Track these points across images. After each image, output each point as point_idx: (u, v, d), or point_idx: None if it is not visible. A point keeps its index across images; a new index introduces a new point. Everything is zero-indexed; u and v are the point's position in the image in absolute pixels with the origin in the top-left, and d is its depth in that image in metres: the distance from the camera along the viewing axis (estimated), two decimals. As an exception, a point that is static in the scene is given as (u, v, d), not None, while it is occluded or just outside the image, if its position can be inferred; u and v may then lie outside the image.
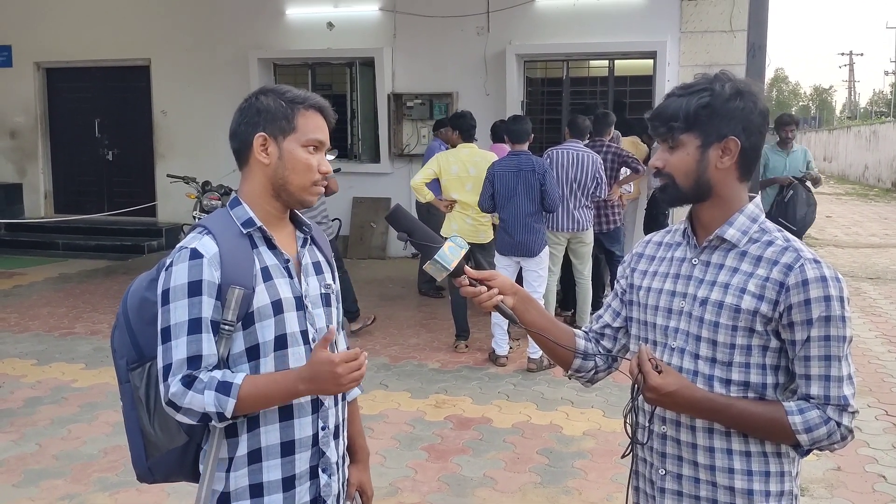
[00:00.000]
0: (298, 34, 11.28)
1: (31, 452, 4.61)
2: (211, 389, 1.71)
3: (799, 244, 1.73)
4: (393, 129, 10.98)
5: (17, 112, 12.79)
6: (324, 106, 1.88)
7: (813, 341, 1.67)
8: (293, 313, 1.83)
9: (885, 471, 4.42)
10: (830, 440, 1.68)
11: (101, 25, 11.95)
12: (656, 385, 1.66)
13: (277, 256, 1.85)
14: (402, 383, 5.83)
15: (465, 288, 1.83)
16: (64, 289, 9.16)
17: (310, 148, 1.84)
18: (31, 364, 6.27)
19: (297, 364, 1.82)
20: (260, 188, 1.85)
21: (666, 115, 1.74)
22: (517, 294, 1.88)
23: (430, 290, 8.74)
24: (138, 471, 1.90)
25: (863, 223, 16.54)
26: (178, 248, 1.79)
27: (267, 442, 1.81)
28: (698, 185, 1.75)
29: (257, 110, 1.83)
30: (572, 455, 4.60)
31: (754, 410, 1.70)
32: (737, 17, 9.37)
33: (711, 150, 1.72)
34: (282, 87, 1.87)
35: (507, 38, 10.43)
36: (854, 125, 35.29)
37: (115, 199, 12.57)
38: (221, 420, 1.73)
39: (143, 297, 1.85)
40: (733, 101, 1.71)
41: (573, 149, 6.78)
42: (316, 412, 1.87)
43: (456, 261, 1.79)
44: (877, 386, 5.82)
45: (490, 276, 1.85)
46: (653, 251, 1.93)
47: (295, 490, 1.84)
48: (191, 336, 1.72)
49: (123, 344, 1.87)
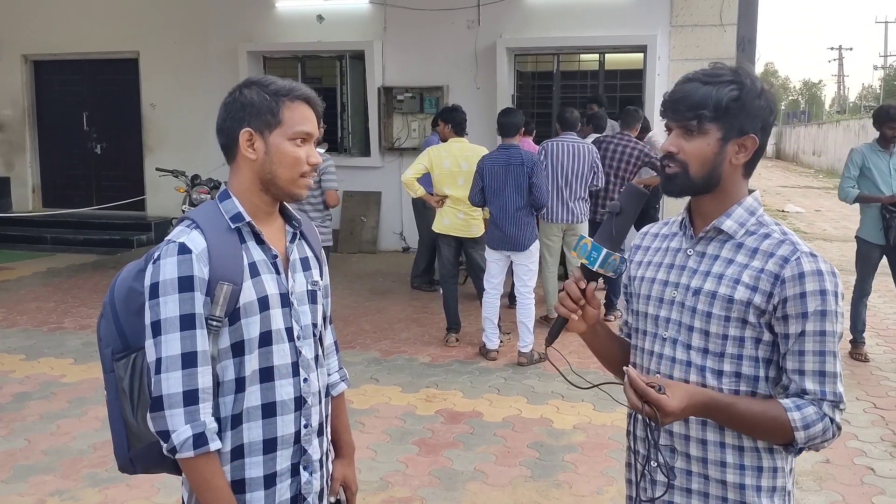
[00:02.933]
0: (288, 27, 11.23)
1: (20, 448, 4.59)
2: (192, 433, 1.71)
3: (796, 238, 1.72)
4: (383, 122, 10.95)
5: (5, 105, 12.70)
6: (310, 96, 1.84)
7: (808, 335, 1.66)
8: (279, 310, 1.82)
9: (873, 463, 4.44)
10: (824, 437, 1.67)
11: (89, 18, 11.87)
12: (673, 409, 1.60)
13: (265, 252, 1.83)
14: (393, 377, 5.83)
15: (571, 293, 1.79)
16: (52, 283, 9.11)
17: (297, 141, 1.81)
18: (20, 359, 6.23)
19: (281, 361, 1.82)
20: (248, 183, 1.83)
21: (693, 101, 1.69)
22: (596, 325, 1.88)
23: (422, 284, 8.74)
24: (120, 461, 1.88)
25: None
26: (166, 241, 1.77)
27: (250, 439, 1.80)
28: (710, 177, 1.72)
29: (241, 105, 1.80)
30: (563, 449, 4.61)
31: (755, 408, 1.68)
32: (727, 11, 9.39)
33: (730, 144, 1.70)
34: (266, 78, 1.84)
35: (497, 32, 10.41)
36: (843, 120, 35.42)
37: (103, 192, 12.51)
38: (170, 451, 1.72)
39: (130, 287, 1.83)
40: (760, 99, 1.70)
41: (568, 141, 6.91)
42: (299, 409, 1.85)
43: (603, 271, 1.76)
44: (865, 379, 5.86)
45: (593, 300, 1.82)
46: (650, 242, 1.92)
47: (276, 487, 1.83)
48: (184, 332, 1.70)
49: (109, 334, 1.84)
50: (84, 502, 3.96)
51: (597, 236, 1.79)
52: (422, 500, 4.01)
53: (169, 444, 1.70)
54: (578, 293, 1.79)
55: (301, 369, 1.86)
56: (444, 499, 4.02)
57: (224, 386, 1.77)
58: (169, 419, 1.70)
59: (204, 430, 1.71)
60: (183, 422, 1.70)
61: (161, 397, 1.70)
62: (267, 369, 1.80)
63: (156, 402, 1.71)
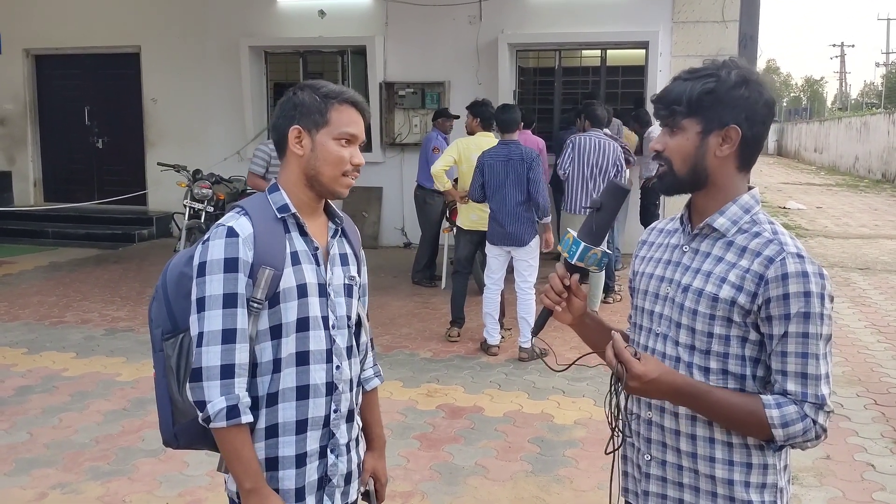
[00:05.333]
0: (290, 22, 11.23)
1: (23, 441, 4.60)
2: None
3: (786, 238, 1.70)
4: (385, 117, 10.96)
5: (6, 99, 12.71)
6: (357, 101, 1.96)
7: (790, 337, 1.65)
8: (316, 299, 1.92)
9: (873, 459, 4.45)
10: (805, 437, 1.66)
11: (90, 12, 11.88)
12: (639, 373, 1.64)
13: (307, 243, 1.95)
14: (394, 372, 5.83)
15: (554, 285, 1.84)
16: (54, 277, 9.12)
17: (342, 141, 1.93)
18: (22, 353, 6.24)
19: (316, 347, 1.92)
20: (295, 177, 1.95)
21: (669, 99, 1.72)
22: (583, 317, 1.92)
23: (423, 279, 8.75)
24: (165, 436, 1.97)
25: (853, 214, 16.61)
26: (216, 225, 1.89)
27: (284, 418, 1.90)
28: (695, 172, 1.73)
29: (294, 105, 1.94)
30: (563, 444, 4.62)
31: (733, 400, 1.68)
32: (729, 8, 9.38)
33: (712, 136, 1.70)
34: (319, 82, 1.97)
35: (499, 27, 10.41)
36: (845, 116, 35.35)
37: (105, 187, 12.51)
38: (205, 420, 1.82)
39: (181, 272, 1.93)
40: (738, 89, 1.69)
41: (595, 136, 7.25)
42: (330, 394, 1.96)
43: (582, 264, 1.81)
44: (865, 375, 5.86)
45: (578, 292, 1.87)
46: (654, 238, 1.93)
47: (306, 467, 1.93)
48: (226, 310, 1.81)
49: (160, 315, 1.95)
50: (86, 495, 3.97)
51: (579, 231, 1.83)
52: (423, 494, 4.02)
53: (204, 413, 1.81)
54: (560, 286, 1.84)
55: (334, 356, 1.96)
56: (445, 493, 4.04)
57: (262, 366, 1.88)
58: (206, 390, 1.80)
59: (237, 402, 1.81)
60: (219, 393, 1.80)
61: (200, 369, 1.81)
62: (302, 353, 1.91)
63: (195, 373, 1.82)
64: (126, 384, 5.44)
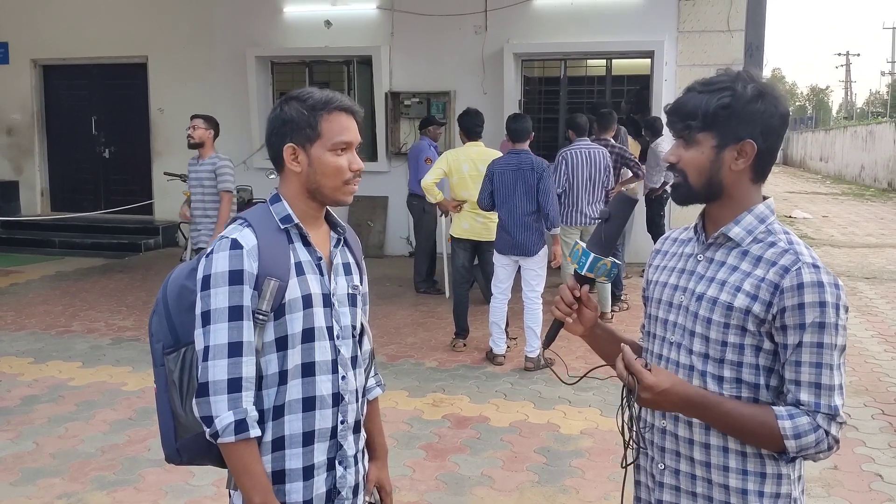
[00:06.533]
0: (296, 32, 11.28)
1: (29, 451, 4.60)
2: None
3: (802, 247, 1.70)
4: (390, 127, 10.98)
5: (14, 109, 12.78)
6: (346, 106, 1.92)
7: (805, 347, 1.64)
8: (321, 309, 1.91)
9: (881, 470, 4.43)
10: (817, 448, 1.66)
11: (98, 23, 11.94)
12: (651, 384, 1.64)
13: (311, 253, 1.93)
14: (400, 382, 5.82)
15: (564, 297, 1.85)
16: (60, 287, 9.15)
17: (337, 150, 1.90)
18: (28, 362, 6.26)
19: (322, 358, 1.90)
20: (296, 191, 1.93)
21: (684, 112, 1.71)
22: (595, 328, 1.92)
23: (428, 288, 8.74)
24: (167, 451, 1.95)
25: (859, 223, 16.56)
26: (219, 237, 1.87)
27: (290, 431, 1.88)
28: (710, 185, 1.73)
29: (283, 121, 1.91)
30: (570, 454, 4.60)
31: (745, 411, 1.67)
32: (734, 17, 9.38)
33: (727, 151, 1.70)
34: (304, 92, 1.93)
35: (504, 37, 10.43)
36: (851, 125, 35.30)
37: (111, 196, 12.57)
38: (213, 436, 1.80)
39: (182, 285, 1.91)
40: (754, 104, 1.68)
41: (584, 147, 7.24)
42: (336, 405, 1.94)
43: (592, 275, 1.82)
44: (873, 385, 5.83)
45: (589, 302, 1.88)
46: (668, 247, 1.93)
47: (313, 479, 1.91)
48: (232, 323, 1.79)
49: (161, 329, 1.93)
50: (92, 505, 3.97)
51: (588, 242, 1.84)
52: (429, 504, 4.01)
53: (212, 428, 1.79)
54: (571, 297, 1.84)
55: (340, 367, 1.94)
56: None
57: (268, 378, 1.86)
58: (213, 405, 1.78)
59: (245, 416, 1.79)
60: (226, 408, 1.78)
61: (207, 384, 1.79)
62: (308, 364, 1.89)
63: (202, 388, 1.80)
64: (132, 394, 5.45)
